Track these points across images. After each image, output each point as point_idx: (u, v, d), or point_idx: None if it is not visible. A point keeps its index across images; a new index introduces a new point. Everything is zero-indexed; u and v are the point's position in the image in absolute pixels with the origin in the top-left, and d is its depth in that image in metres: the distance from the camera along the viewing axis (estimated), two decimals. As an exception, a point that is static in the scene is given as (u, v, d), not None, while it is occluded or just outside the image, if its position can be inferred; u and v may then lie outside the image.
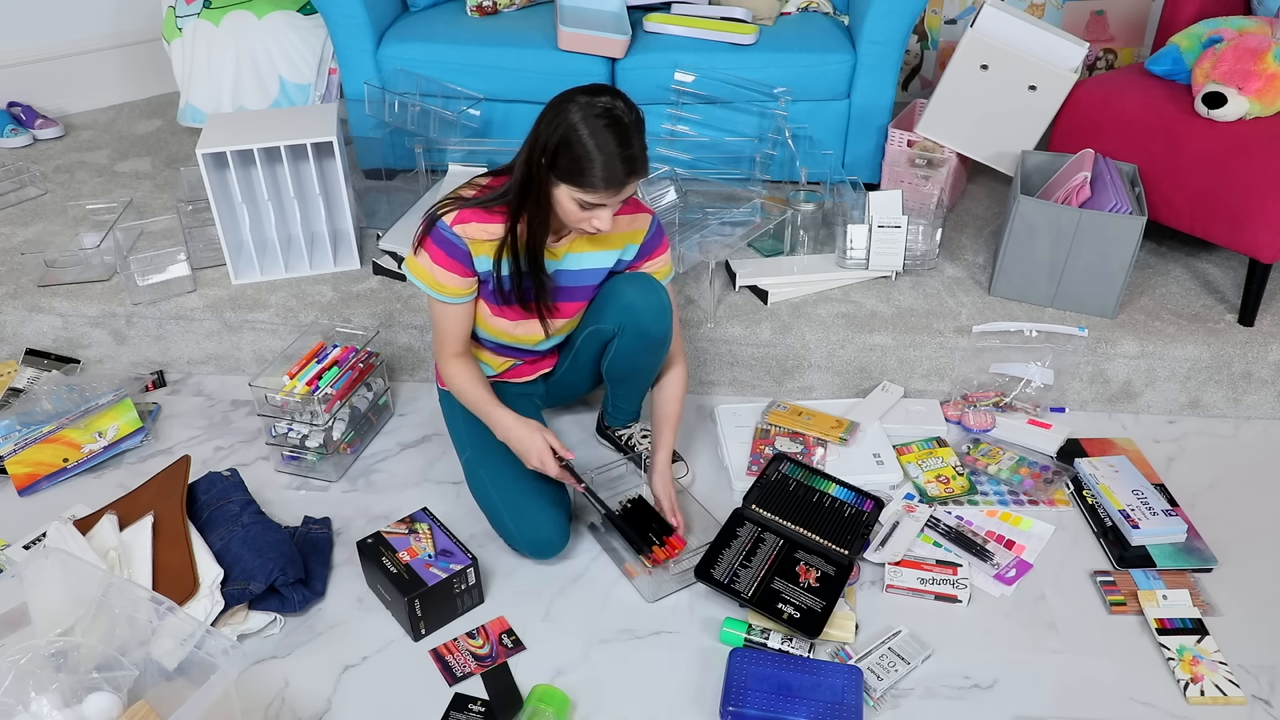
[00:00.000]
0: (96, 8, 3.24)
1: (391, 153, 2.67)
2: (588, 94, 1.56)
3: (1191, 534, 1.89)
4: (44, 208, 2.68)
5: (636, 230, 1.82)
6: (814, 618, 1.66)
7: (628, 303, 1.80)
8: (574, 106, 1.54)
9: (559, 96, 1.58)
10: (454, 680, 1.61)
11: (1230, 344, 2.17)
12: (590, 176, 1.55)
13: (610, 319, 1.82)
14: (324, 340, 2.09)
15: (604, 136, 1.53)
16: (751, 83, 2.55)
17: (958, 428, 2.18)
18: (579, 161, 1.54)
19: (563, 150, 1.55)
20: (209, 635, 1.38)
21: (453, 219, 1.68)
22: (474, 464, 1.85)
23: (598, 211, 1.61)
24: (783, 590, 1.70)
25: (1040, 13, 3.23)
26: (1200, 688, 1.60)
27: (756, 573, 1.72)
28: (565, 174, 1.57)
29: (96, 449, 2.05)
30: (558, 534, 1.78)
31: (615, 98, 1.56)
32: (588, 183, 1.56)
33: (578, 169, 1.55)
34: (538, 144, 1.59)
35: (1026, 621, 1.73)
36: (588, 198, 1.58)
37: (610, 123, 1.54)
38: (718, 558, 1.73)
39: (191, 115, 2.90)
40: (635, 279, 1.82)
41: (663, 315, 1.81)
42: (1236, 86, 2.12)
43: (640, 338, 1.82)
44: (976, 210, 2.69)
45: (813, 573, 1.75)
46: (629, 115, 1.56)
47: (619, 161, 1.54)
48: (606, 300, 1.83)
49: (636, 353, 1.85)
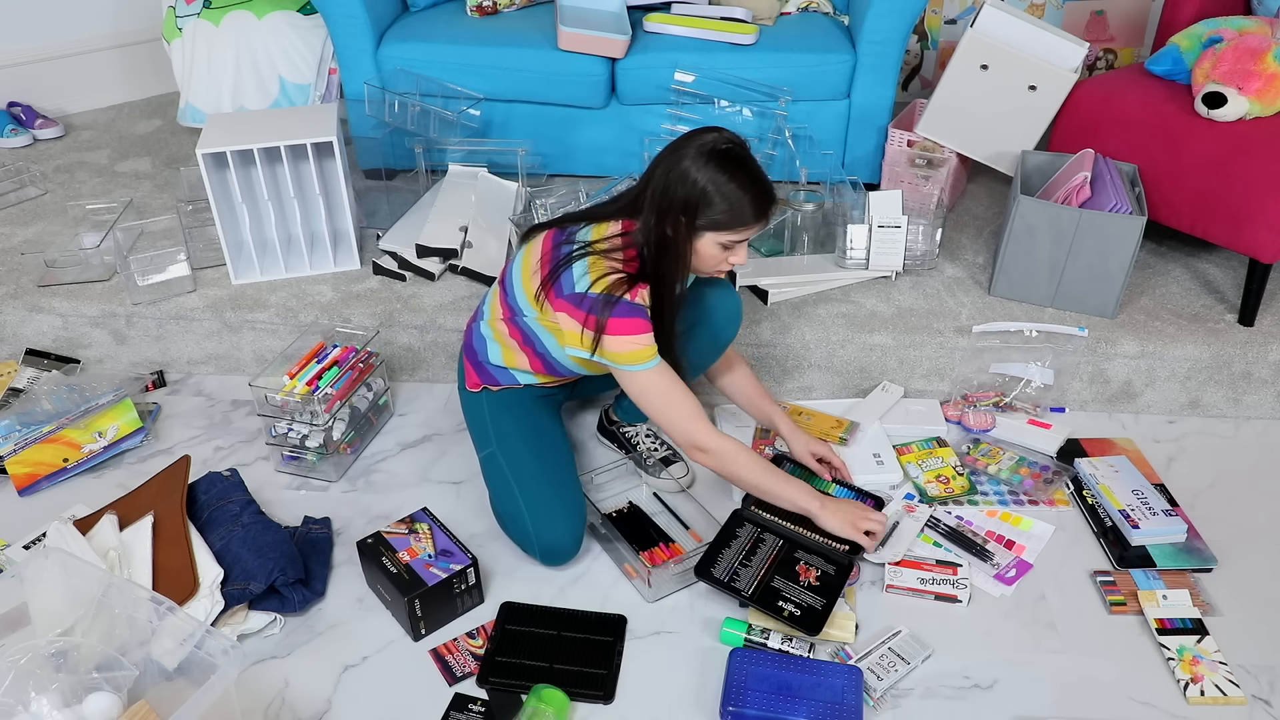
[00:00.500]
0: (96, 8, 3.24)
1: (391, 153, 2.67)
2: (695, 141, 1.59)
3: (1191, 534, 1.89)
4: (44, 208, 2.68)
5: None
6: (814, 615, 1.66)
7: (706, 304, 1.85)
8: (696, 158, 1.57)
9: (670, 155, 1.60)
10: (454, 680, 1.61)
11: (1230, 344, 2.17)
12: (742, 217, 1.59)
13: (685, 317, 1.82)
14: (324, 340, 2.09)
15: (740, 176, 1.58)
16: (751, 83, 2.56)
17: (958, 428, 2.18)
18: (729, 206, 1.58)
19: (705, 204, 1.58)
20: (209, 635, 1.38)
21: (632, 292, 1.64)
22: (498, 459, 1.82)
23: (738, 248, 1.65)
24: (783, 589, 1.70)
25: (1040, 13, 3.23)
26: (1200, 688, 1.60)
27: (756, 572, 1.72)
28: (712, 225, 1.60)
29: (96, 449, 2.05)
30: (573, 542, 1.78)
31: (720, 133, 1.60)
32: (739, 223, 1.60)
33: (728, 215, 1.59)
34: (669, 205, 1.59)
35: (1026, 621, 1.73)
36: (737, 238, 1.62)
37: (736, 162, 1.58)
38: (717, 557, 1.73)
39: (191, 115, 2.90)
40: (712, 283, 1.87)
41: (735, 319, 1.89)
42: (1236, 86, 2.12)
43: (710, 338, 1.87)
44: (976, 210, 2.69)
45: (813, 572, 1.75)
46: (741, 148, 1.60)
47: (763, 191, 1.60)
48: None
49: (699, 352, 1.88)
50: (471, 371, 1.90)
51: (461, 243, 2.35)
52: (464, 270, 2.33)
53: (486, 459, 1.86)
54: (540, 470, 1.79)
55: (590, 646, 1.65)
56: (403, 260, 2.35)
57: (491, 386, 1.89)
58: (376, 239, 2.48)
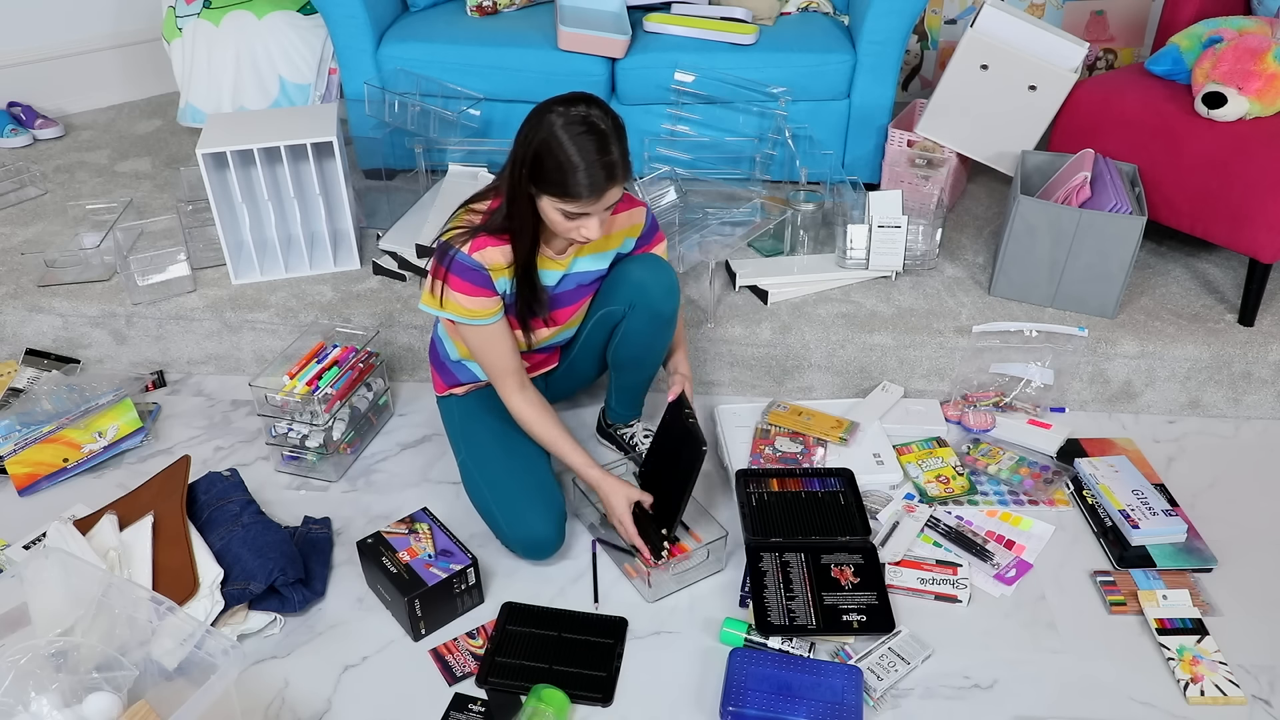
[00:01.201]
0: (96, 8, 3.24)
1: (391, 153, 2.67)
2: (564, 103, 1.54)
3: (1191, 534, 1.89)
4: (44, 208, 2.68)
5: (634, 225, 1.83)
6: (879, 612, 1.68)
7: (638, 281, 1.81)
8: (551, 116, 1.53)
9: (536, 107, 1.57)
10: (454, 680, 1.61)
11: (1230, 344, 2.17)
12: (571, 186, 1.53)
13: (620, 299, 1.83)
14: (324, 340, 2.09)
15: (581, 144, 1.51)
16: (751, 83, 2.55)
17: (958, 428, 2.18)
18: (559, 171, 1.53)
19: (541, 161, 1.54)
20: (209, 635, 1.38)
21: (469, 247, 1.65)
22: (469, 465, 1.85)
23: (584, 221, 1.59)
24: (837, 602, 1.70)
25: (1040, 13, 3.23)
26: (1200, 688, 1.60)
27: (805, 599, 1.71)
28: (547, 185, 1.55)
29: (96, 449, 2.05)
30: (552, 533, 1.77)
31: (591, 105, 1.55)
32: (569, 192, 1.54)
33: (558, 179, 1.53)
34: (518, 157, 1.58)
35: (1026, 621, 1.73)
36: (570, 207, 1.56)
37: (586, 130, 1.52)
38: (764, 603, 1.70)
39: (191, 115, 2.90)
40: (643, 259, 1.84)
41: (672, 293, 1.83)
42: (1236, 86, 2.12)
43: (651, 316, 1.83)
44: (976, 210, 2.69)
45: (847, 570, 1.76)
46: (605, 121, 1.54)
47: (599, 169, 1.52)
48: (615, 282, 1.84)
49: (646, 332, 1.86)
50: (436, 376, 1.93)
51: (461, 243, 2.35)
52: (464, 270, 2.33)
53: (461, 464, 1.88)
54: (507, 470, 1.80)
55: (590, 648, 1.65)
56: (403, 260, 2.35)
57: (457, 390, 1.90)
58: (376, 239, 2.48)
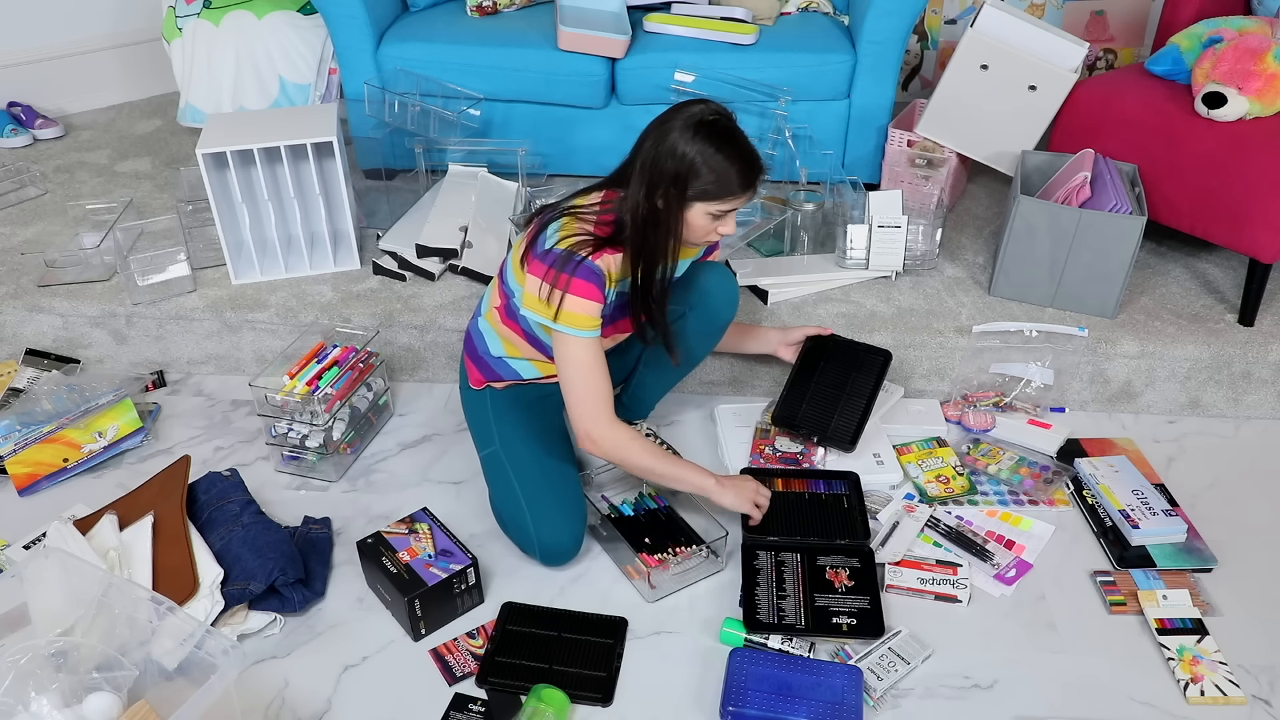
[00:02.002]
0: (96, 8, 3.24)
1: (391, 153, 2.67)
2: (683, 113, 1.60)
3: (1191, 534, 1.89)
4: (44, 208, 2.68)
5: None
6: (869, 617, 1.68)
7: (704, 286, 1.87)
8: (684, 130, 1.59)
9: (659, 128, 1.62)
10: (454, 680, 1.61)
11: (1230, 344, 2.17)
12: (730, 187, 1.61)
13: (683, 299, 1.87)
14: (324, 340, 2.09)
15: (727, 147, 1.59)
16: (751, 83, 2.55)
17: (958, 428, 2.18)
18: (717, 176, 1.60)
19: (694, 175, 1.60)
20: (209, 635, 1.38)
21: (594, 255, 1.64)
22: (500, 459, 1.82)
23: (727, 218, 1.67)
24: (828, 604, 1.70)
25: (1040, 13, 3.23)
26: (1200, 688, 1.60)
27: (796, 599, 1.71)
28: (701, 195, 1.62)
29: (96, 449, 2.05)
30: (574, 543, 1.78)
31: (707, 105, 1.61)
32: (727, 193, 1.62)
33: (716, 186, 1.61)
34: (659, 177, 1.61)
35: (1026, 621, 1.73)
36: (726, 207, 1.64)
37: (723, 132, 1.60)
38: (756, 600, 1.70)
39: (191, 115, 2.90)
40: (710, 267, 1.90)
41: (732, 303, 1.91)
42: (1236, 86, 2.12)
43: (707, 320, 1.89)
44: (976, 210, 2.69)
45: (842, 574, 1.76)
46: (728, 119, 1.62)
47: (751, 161, 1.62)
48: (681, 283, 1.87)
49: (698, 334, 1.90)
50: (473, 368, 1.90)
51: (461, 243, 2.35)
52: (464, 270, 2.33)
53: (488, 458, 1.85)
54: (542, 470, 1.79)
55: (590, 648, 1.65)
56: (403, 260, 2.35)
57: (494, 384, 1.89)
58: (376, 239, 2.48)
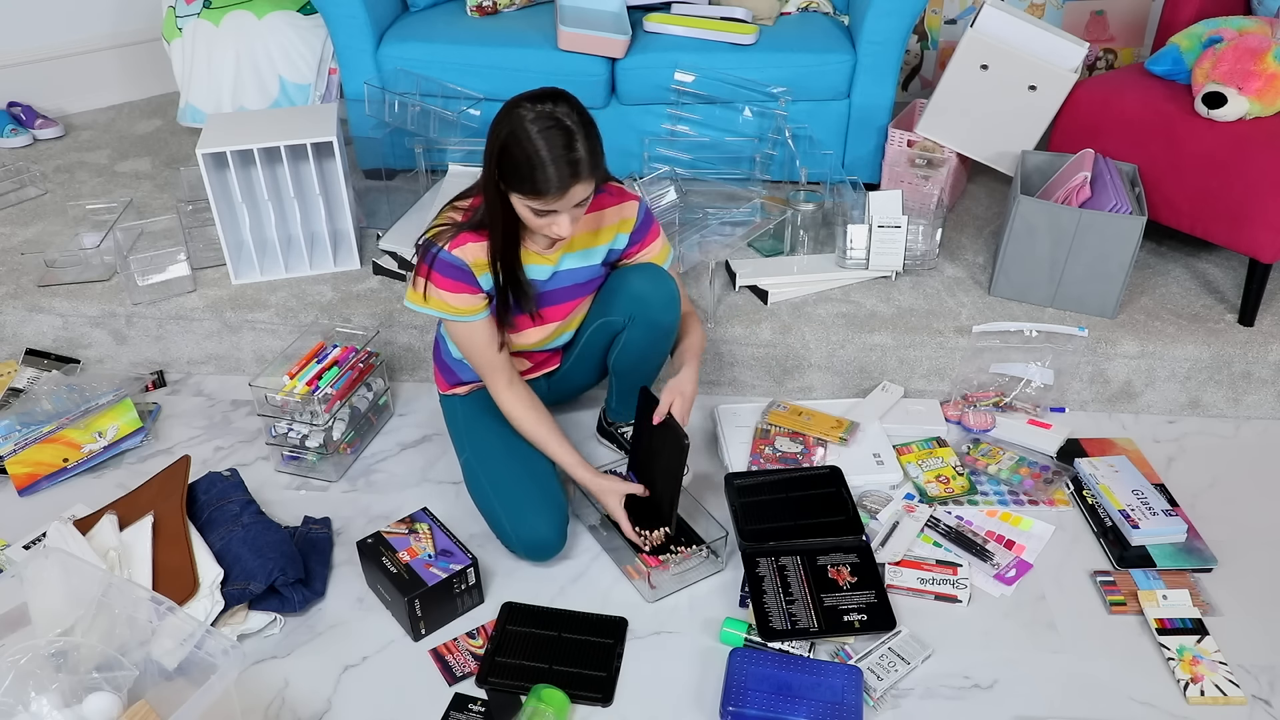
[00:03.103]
0: (96, 8, 3.24)
1: (391, 153, 2.67)
2: (532, 99, 1.54)
3: (1191, 534, 1.89)
4: (44, 208, 2.68)
5: (624, 220, 1.81)
6: (879, 611, 1.68)
7: (637, 293, 1.80)
8: (518, 112, 1.53)
9: (506, 103, 1.56)
10: (454, 680, 1.61)
11: (1230, 344, 2.17)
12: (536, 182, 1.52)
13: (620, 310, 1.83)
14: (324, 340, 2.09)
15: (546, 139, 1.50)
16: (751, 83, 2.55)
17: (958, 428, 2.18)
18: (526, 168, 1.51)
19: (507, 157, 1.53)
20: (209, 635, 1.38)
21: (450, 244, 1.66)
22: (472, 464, 1.85)
23: (553, 218, 1.58)
24: (836, 603, 1.70)
25: (1040, 13, 3.23)
26: (1200, 688, 1.60)
27: (805, 602, 1.71)
28: (514, 181, 1.54)
29: (96, 449, 2.05)
30: (554, 535, 1.77)
31: (559, 101, 1.53)
32: (534, 189, 1.53)
33: (525, 175, 1.52)
34: (489, 152, 1.57)
35: (1026, 621, 1.73)
36: (537, 204, 1.55)
37: (553, 125, 1.51)
38: (765, 609, 1.69)
39: (191, 115, 2.90)
40: (643, 270, 1.83)
41: (672, 305, 1.82)
42: (1236, 86, 2.12)
43: (650, 328, 1.83)
44: (976, 210, 2.69)
45: (844, 571, 1.76)
46: (572, 117, 1.52)
47: (564, 165, 1.51)
48: (615, 292, 1.83)
49: (645, 343, 1.86)
50: (439, 374, 1.93)
51: (461, 243, 2.35)
52: (464, 270, 2.33)
53: (464, 464, 1.88)
54: (513, 470, 1.80)
55: (590, 649, 1.65)
56: (403, 260, 2.35)
57: (459, 389, 1.91)
58: (376, 239, 2.48)
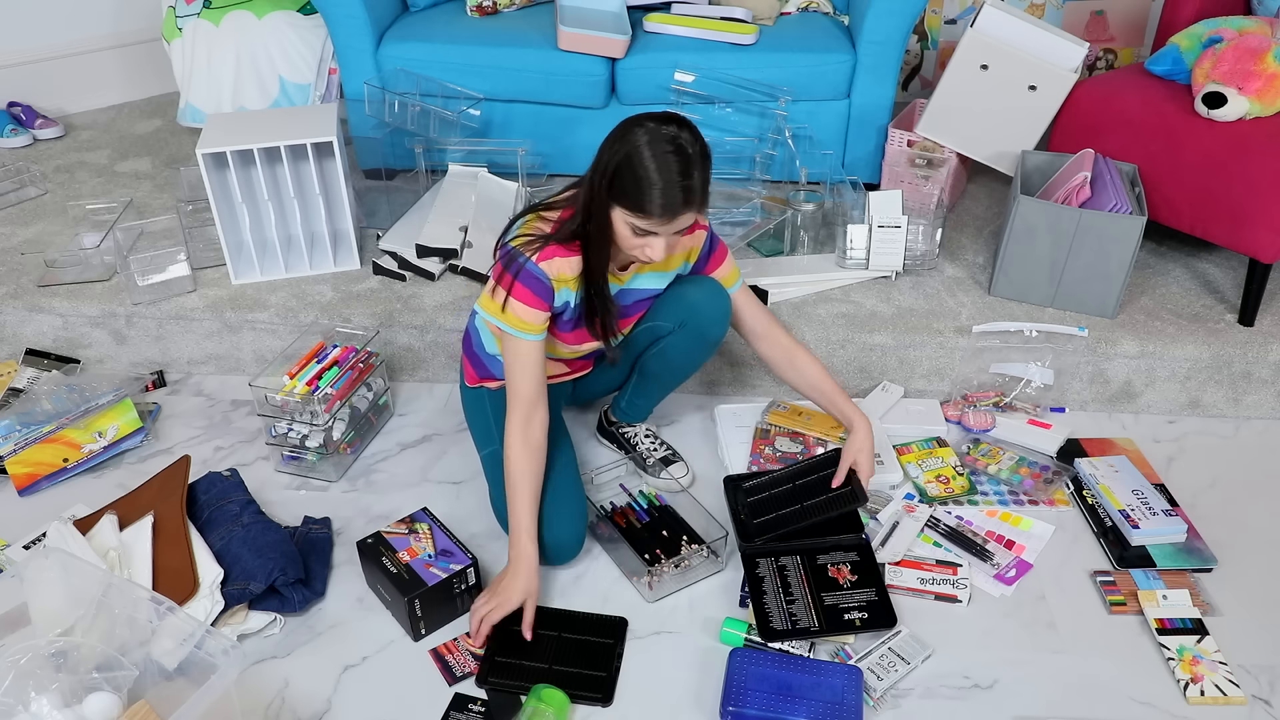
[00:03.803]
0: (96, 8, 3.24)
1: (391, 153, 2.67)
2: (656, 120, 1.55)
3: (1191, 534, 1.89)
4: (44, 208, 2.68)
5: (694, 248, 1.84)
6: (879, 609, 1.68)
7: (691, 302, 1.82)
8: (640, 131, 1.54)
9: (627, 120, 1.57)
10: (454, 680, 1.61)
11: (1230, 344, 2.17)
12: (646, 201, 1.53)
13: (670, 316, 1.84)
14: (324, 340, 2.09)
15: (665, 162, 1.52)
16: (751, 83, 2.55)
17: (958, 428, 2.18)
18: (637, 185, 1.53)
19: (622, 173, 1.54)
20: (209, 635, 1.38)
21: (538, 256, 1.64)
22: (500, 459, 1.80)
23: (650, 240, 1.59)
24: (837, 602, 1.70)
25: (1040, 13, 3.23)
26: (1200, 688, 1.60)
27: (805, 602, 1.70)
28: (621, 196, 1.55)
29: (96, 449, 2.05)
30: (578, 539, 1.78)
31: (682, 127, 1.55)
32: (642, 208, 1.54)
33: (635, 192, 1.53)
34: (600, 165, 1.58)
35: (1026, 621, 1.73)
36: (641, 223, 1.56)
37: (674, 150, 1.52)
38: (764, 609, 1.69)
39: (191, 115, 2.90)
40: (700, 281, 1.85)
41: (723, 320, 1.85)
42: (1236, 86, 2.12)
43: (697, 337, 1.85)
44: (976, 210, 2.69)
45: (844, 570, 1.76)
46: (694, 146, 1.54)
47: (677, 190, 1.52)
48: (667, 299, 1.84)
49: (687, 351, 1.87)
50: (469, 366, 1.91)
51: (461, 243, 2.35)
52: (464, 270, 2.33)
53: (488, 457, 1.86)
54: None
55: (591, 648, 1.65)
56: (403, 260, 2.35)
57: (489, 382, 1.89)
58: (376, 239, 2.48)
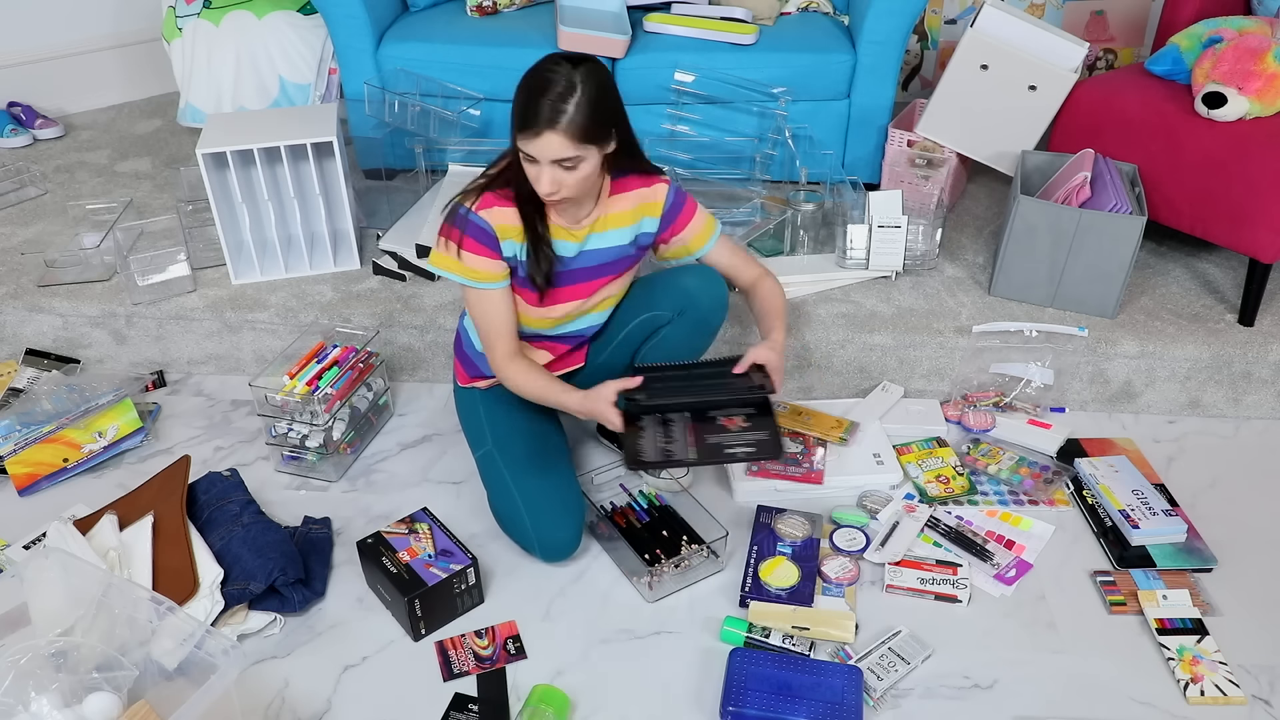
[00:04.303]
0: (96, 8, 3.24)
1: (391, 153, 2.67)
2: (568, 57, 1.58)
3: (1191, 534, 1.89)
4: (44, 208, 2.68)
5: (653, 202, 1.79)
6: (767, 441, 1.59)
7: (689, 289, 1.83)
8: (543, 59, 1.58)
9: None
10: (449, 676, 1.61)
11: (1230, 344, 2.17)
12: (515, 117, 1.55)
13: (668, 304, 1.84)
14: (324, 340, 2.09)
15: (532, 81, 1.54)
16: (751, 83, 2.56)
17: (958, 428, 2.18)
18: (514, 105, 1.56)
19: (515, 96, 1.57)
20: (209, 635, 1.38)
21: (477, 205, 1.67)
22: (493, 460, 1.83)
23: (536, 169, 1.58)
24: (722, 441, 1.59)
25: (1040, 13, 3.23)
26: (1200, 688, 1.60)
27: (685, 442, 1.59)
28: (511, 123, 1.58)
29: (96, 449, 2.05)
30: (574, 537, 1.78)
31: (583, 63, 1.56)
32: (518, 121, 1.55)
33: (513, 113, 1.56)
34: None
35: (1026, 621, 1.73)
36: (521, 142, 1.57)
37: (545, 71, 1.54)
38: (639, 446, 1.58)
39: (191, 115, 2.90)
40: (697, 269, 1.85)
41: (721, 307, 1.85)
42: (1236, 86, 2.12)
43: (697, 325, 1.85)
44: (976, 210, 2.69)
45: (737, 418, 1.67)
46: (572, 76, 1.53)
47: (547, 106, 1.52)
48: (664, 287, 1.85)
49: (687, 340, 1.87)
50: (460, 366, 1.92)
51: (461, 243, 2.35)
52: (464, 270, 2.33)
53: (482, 458, 1.86)
54: (536, 468, 1.80)
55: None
56: (403, 260, 2.35)
57: (479, 382, 1.89)
58: (376, 239, 2.48)
